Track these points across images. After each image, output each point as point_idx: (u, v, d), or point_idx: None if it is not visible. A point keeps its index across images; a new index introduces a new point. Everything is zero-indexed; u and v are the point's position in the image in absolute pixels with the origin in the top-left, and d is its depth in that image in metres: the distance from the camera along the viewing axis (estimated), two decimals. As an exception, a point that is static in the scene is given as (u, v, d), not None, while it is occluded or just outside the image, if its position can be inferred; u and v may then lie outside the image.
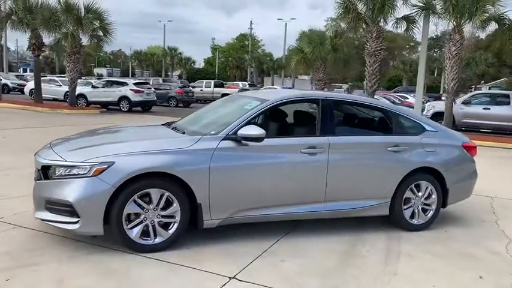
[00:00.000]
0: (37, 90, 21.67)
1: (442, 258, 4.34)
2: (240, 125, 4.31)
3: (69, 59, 20.20)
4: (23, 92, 30.16)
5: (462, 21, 15.90)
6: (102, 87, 22.67)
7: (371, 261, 4.17)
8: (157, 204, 3.98)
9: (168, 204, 4.02)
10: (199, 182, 4.05)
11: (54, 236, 4.27)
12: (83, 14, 19.77)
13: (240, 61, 66.37)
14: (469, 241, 4.90)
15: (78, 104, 21.21)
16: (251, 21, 79.58)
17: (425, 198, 5.14)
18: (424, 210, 5.17)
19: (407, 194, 5.03)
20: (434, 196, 5.16)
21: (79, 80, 22.56)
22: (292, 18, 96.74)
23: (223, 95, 23.97)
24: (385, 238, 4.83)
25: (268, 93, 5.53)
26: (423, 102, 18.80)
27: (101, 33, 20.55)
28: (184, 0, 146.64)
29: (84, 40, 20.64)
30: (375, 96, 18.67)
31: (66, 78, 22.12)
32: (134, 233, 3.93)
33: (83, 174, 3.80)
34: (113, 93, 21.56)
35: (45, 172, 4.02)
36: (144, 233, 3.98)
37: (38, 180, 4.08)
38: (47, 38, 21.12)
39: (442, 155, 5.18)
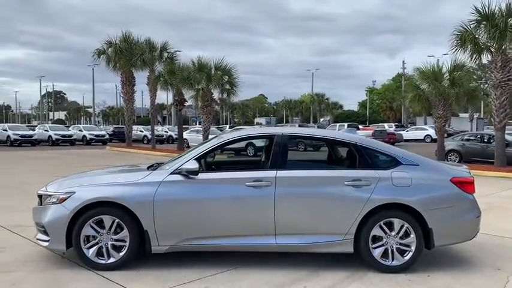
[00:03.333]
0: (180, 139, 24.96)
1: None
2: (187, 160, 4.82)
3: (202, 111, 22.91)
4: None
5: None
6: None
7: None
8: (110, 229, 4.69)
9: (119, 229, 4.70)
10: (144, 211, 4.65)
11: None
12: (213, 72, 22.43)
13: (393, 102, 64.76)
14: (441, 288, 4.36)
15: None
16: (403, 61, 77.13)
17: (401, 238, 4.75)
18: (401, 251, 4.77)
19: (376, 231, 4.74)
20: (412, 236, 4.74)
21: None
22: (444, 54, 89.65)
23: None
24: (341, 278, 4.62)
25: (237, 131, 5.94)
26: None
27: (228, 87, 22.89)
28: (347, 47, 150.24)
29: (216, 94, 23.25)
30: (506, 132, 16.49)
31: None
32: (90, 252, 4.69)
33: (54, 201, 4.77)
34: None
35: (40, 200, 5.12)
36: (99, 253, 4.71)
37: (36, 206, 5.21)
38: (187, 95, 24.40)
39: (421, 191, 4.76)
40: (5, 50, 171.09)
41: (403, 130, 42.06)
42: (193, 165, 4.67)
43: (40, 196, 5.08)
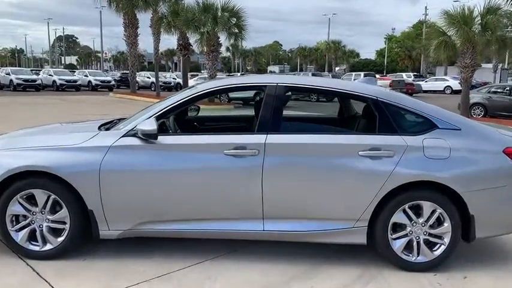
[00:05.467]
0: (185, 87, 23.57)
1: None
2: (144, 118, 3.58)
3: (208, 57, 21.36)
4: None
5: None
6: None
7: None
8: (44, 207, 3.56)
9: (58, 208, 3.57)
10: (88, 186, 3.48)
11: None
12: (219, 13, 20.66)
13: (412, 51, 61.91)
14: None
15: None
16: (426, 7, 72.69)
17: (432, 226, 3.55)
18: (431, 244, 3.58)
19: (398, 217, 3.53)
20: (447, 224, 3.52)
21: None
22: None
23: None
24: (353, 277, 3.48)
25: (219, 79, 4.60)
26: None
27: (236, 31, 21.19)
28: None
29: (222, 38, 21.58)
30: None
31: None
32: (20, 236, 3.58)
33: None
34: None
35: None
36: (32, 238, 3.61)
37: None
38: (192, 39, 22.74)
39: (462, 165, 3.49)
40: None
41: (422, 80, 39.91)
42: (151, 125, 3.43)
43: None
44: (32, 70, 39.69)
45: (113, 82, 35.60)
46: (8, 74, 32.36)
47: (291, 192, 3.51)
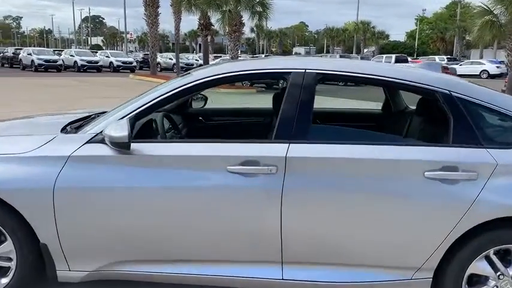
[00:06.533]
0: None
1: None
2: (116, 118, 2.55)
3: (230, 37, 20.22)
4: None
5: None
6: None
7: None
8: (-17, 238, 2.60)
9: (1, 239, 2.60)
10: (38, 210, 2.50)
11: None
12: (242, -10, 19.41)
13: (445, 32, 59.05)
14: None
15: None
16: (461, -14, 69.10)
17: (529, 282, 2.44)
18: (526, 307, 2.47)
19: (478, 267, 2.44)
20: (553, 280, 2.41)
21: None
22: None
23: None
24: None
25: (225, 63, 3.40)
26: None
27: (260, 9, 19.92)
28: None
29: (245, 17, 20.35)
30: None
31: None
32: (-49, 276, 2.65)
33: None
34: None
35: None
36: (-31, 278, 2.67)
37: None
38: (214, 18, 21.58)
39: None
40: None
41: (456, 64, 37.73)
42: (121, 131, 2.38)
43: None
44: (54, 50, 39.37)
45: (134, 63, 34.91)
46: (30, 54, 32.00)
47: (321, 227, 2.44)
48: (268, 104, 3.68)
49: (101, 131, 2.50)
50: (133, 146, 2.44)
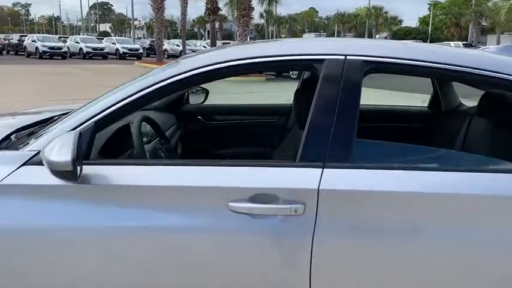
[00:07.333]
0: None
1: None
2: (64, 130, 1.72)
3: (238, 23, 19.30)
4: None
5: None
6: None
7: None
8: None
9: None
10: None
11: None
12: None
13: (459, 17, 57.37)
14: None
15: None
16: (478, -31, 67.04)
17: None
18: None
19: None
20: None
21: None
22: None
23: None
24: None
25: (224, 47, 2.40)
26: None
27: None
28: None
29: (254, 1, 19.43)
30: None
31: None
32: None
33: None
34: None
35: None
36: None
37: None
38: (221, 2, 20.71)
39: None
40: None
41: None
42: (61, 153, 1.53)
43: None
44: (60, 37, 38.67)
45: (141, 50, 34.17)
46: (34, 41, 31.39)
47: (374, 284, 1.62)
48: (283, 96, 2.84)
49: (35, 152, 1.68)
50: (87, 171, 1.62)
